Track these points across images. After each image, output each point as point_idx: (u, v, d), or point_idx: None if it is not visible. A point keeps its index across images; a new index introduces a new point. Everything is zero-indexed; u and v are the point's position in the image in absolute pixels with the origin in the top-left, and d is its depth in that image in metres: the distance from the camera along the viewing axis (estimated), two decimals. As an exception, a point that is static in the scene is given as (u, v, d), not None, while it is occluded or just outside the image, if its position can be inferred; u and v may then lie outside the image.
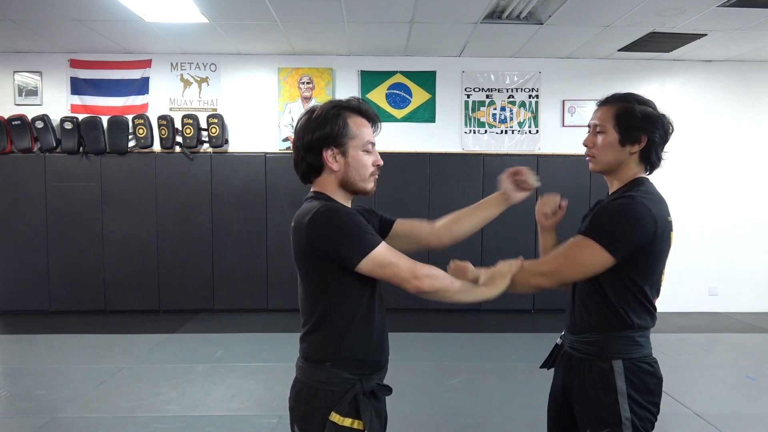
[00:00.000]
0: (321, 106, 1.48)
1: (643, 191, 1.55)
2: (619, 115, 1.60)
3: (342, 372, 1.42)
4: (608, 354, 1.57)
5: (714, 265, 6.14)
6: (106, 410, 3.44)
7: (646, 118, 1.58)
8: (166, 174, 5.97)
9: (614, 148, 1.61)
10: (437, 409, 3.51)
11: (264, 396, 3.69)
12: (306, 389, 1.44)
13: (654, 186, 1.62)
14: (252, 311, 6.02)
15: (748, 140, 6.17)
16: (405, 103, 6.06)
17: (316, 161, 1.45)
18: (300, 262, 1.45)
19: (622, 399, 1.53)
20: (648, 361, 1.58)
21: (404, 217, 1.75)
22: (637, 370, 1.55)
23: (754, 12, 4.47)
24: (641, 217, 1.49)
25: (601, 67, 6.07)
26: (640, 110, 1.58)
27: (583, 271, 1.55)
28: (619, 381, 1.54)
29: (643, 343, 1.58)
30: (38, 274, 5.96)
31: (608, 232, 1.51)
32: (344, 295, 1.42)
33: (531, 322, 5.70)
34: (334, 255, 1.36)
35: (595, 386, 1.58)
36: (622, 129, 1.59)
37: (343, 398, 1.40)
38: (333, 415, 1.38)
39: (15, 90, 5.93)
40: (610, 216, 1.53)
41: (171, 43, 5.55)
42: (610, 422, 1.54)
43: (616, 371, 1.55)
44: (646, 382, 1.56)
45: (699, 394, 3.76)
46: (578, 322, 1.65)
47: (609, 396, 1.55)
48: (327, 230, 1.36)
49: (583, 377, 1.62)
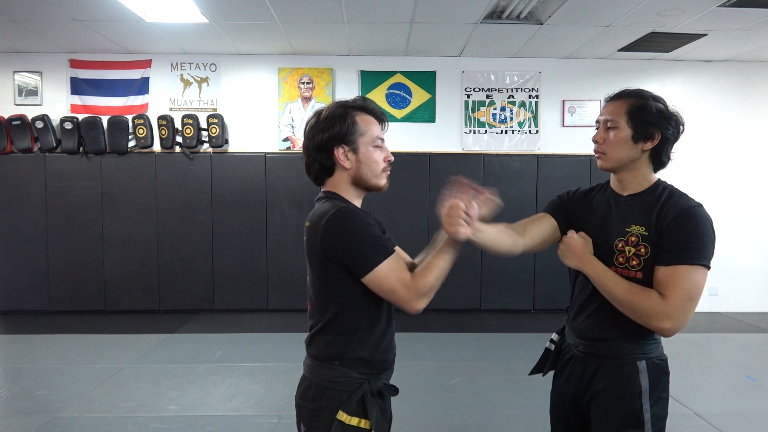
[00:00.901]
0: (327, 107, 1.49)
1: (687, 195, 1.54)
2: (632, 110, 1.55)
3: (351, 371, 1.42)
4: (634, 355, 1.55)
5: (714, 265, 6.10)
6: (106, 410, 3.44)
7: (661, 114, 1.54)
8: (166, 174, 5.97)
9: (627, 145, 1.55)
10: (437, 409, 3.51)
11: (264, 396, 3.69)
12: (314, 387, 1.44)
13: None
14: (252, 311, 6.03)
15: (748, 140, 6.17)
16: (405, 103, 6.06)
17: (327, 161, 1.47)
18: (313, 261, 1.46)
19: (645, 399, 1.52)
20: (663, 358, 1.59)
21: (404, 217, 1.75)
22: (656, 368, 1.56)
23: (754, 12, 4.47)
24: (713, 223, 1.49)
25: (601, 67, 6.07)
26: (654, 106, 1.54)
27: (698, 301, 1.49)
28: (643, 381, 1.53)
29: (659, 340, 1.59)
30: (38, 274, 5.96)
31: (706, 250, 1.47)
32: (355, 297, 1.42)
33: (531, 322, 5.70)
34: (345, 260, 1.38)
35: (617, 389, 1.55)
36: (636, 125, 1.54)
37: (351, 397, 1.40)
38: (340, 414, 1.39)
39: (15, 90, 5.93)
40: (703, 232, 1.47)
41: (171, 43, 5.55)
42: (633, 424, 1.52)
43: (641, 371, 1.54)
44: (661, 380, 1.56)
45: (699, 394, 3.77)
46: (598, 328, 1.60)
47: (633, 398, 1.53)
48: (342, 235, 1.37)
49: (604, 380, 1.58)
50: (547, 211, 1.77)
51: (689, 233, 1.45)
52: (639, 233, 1.52)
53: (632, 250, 1.53)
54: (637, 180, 1.60)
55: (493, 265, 5.86)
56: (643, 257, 1.51)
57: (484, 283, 6.07)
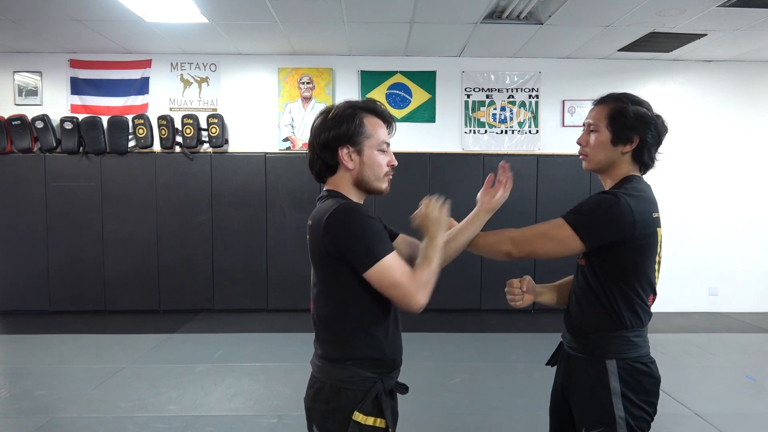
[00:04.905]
0: (336, 106, 1.49)
1: (629, 188, 1.56)
2: (612, 114, 1.61)
3: (363, 371, 1.42)
4: (603, 354, 1.57)
5: (714, 265, 6.14)
6: (106, 410, 3.44)
7: (639, 118, 1.58)
8: (166, 174, 5.97)
9: (606, 148, 1.62)
10: (437, 409, 3.51)
11: (264, 396, 3.69)
12: (327, 388, 1.43)
13: (645, 184, 1.62)
14: (252, 311, 6.03)
15: (748, 140, 6.17)
16: (405, 103, 6.06)
17: (331, 159, 1.47)
18: (316, 260, 1.45)
19: (616, 398, 1.54)
20: (643, 360, 1.58)
21: (404, 217, 1.75)
22: (631, 370, 1.55)
23: (754, 12, 4.47)
24: (619, 212, 1.50)
25: (601, 67, 6.07)
26: (633, 110, 1.59)
27: (553, 248, 1.57)
28: (612, 381, 1.55)
29: (638, 342, 1.58)
30: (38, 274, 5.96)
31: (583, 221, 1.53)
32: (359, 294, 1.42)
33: (531, 322, 5.70)
34: (347, 256, 1.37)
35: (590, 385, 1.59)
36: (614, 129, 1.60)
37: (366, 397, 1.40)
38: (356, 415, 1.38)
39: (15, 90, 5.93)
40: (589, 206, 1.55)
41: (171, 43, 5.55)
42: (604, 421, 1.54)
43: (609, 371, 1.55)
44: (641, 381, 1.56)
45: (699, 394, 3.76)
46: (575, 322, 1.66)
47: (604, 395, 1.55)
48: (343, 230, 1.37)
49: (579, 376, 1.63)
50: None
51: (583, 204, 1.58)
52: None
53: None
54: (614, 178, 1.66)
55: (493, 265, 5.86)
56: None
57: (484, 283, 6.07)
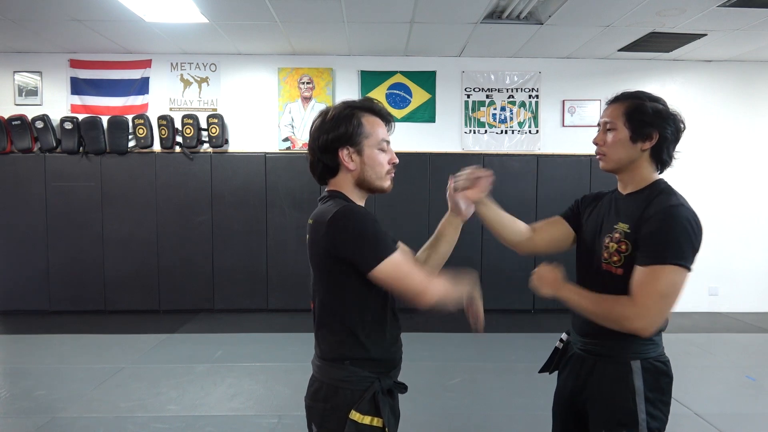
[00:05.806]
0: (334, 107, 1.49)
1: (676, 194, 1.53)
2: (629, 111, 1.58)
3: (361, 370, 1.43)
4: (627, 354, 1.55)
5: (714, 265, 6.13)
6: (106, 410, 3.44)
7: (658, 114, 1.56)
8: (166, 174, 5.97)
9: (625, 145, 1.58)
10: (437, 409, 3.51)
11: (264, 396, 3.69)
12: (325, 388, 1.44)
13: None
14: (252, 311, 6.02)
15: (748, 140, 6.17)
16: (405, 103, 6.06)
17: (332, 161, 1.47)
18: (316, 260, 1.45)
19: (640, 399, 1.52)
20: (662, 360, 1.58)
21: (404, 217, 1.75)
22: (653, 369, 1.55)
23: (754, 12, 4.47)
24: (698, 222, 1.47)
25: (601, 67, 6.07)
26: (651, 106, 1.57)
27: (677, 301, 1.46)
28: (637, 381, 1.53)
29: (658, 342, 1.58)
30: (38, 274, 5.96)
31: (692, 255, 1.44)
32: (360, 294, 1.42)
33: (531, 322, 5.70)
34: (351, 257, 1.37)
35: (611, 387, 1.56)
36: (633, 125, 1.57)
37: (363, 396, 1.41)
38: (353, 414, 1.39)
39: (15, 90, 5.93)
40: (682, 235, 1.44)
41: (171, 43, 5.55)
42: (626, 423, 1.52)
43: (634, 371, 1.54)
44: (660, 381, 1.55)
45: (699, 394, 3.77)
46: (593, 325, 1.60)
47: (626, 397, 1.53)
48: (346, 232, 1.36)
49: (599, 378, 1.60)
50: (561, 214, 1.86)
51: (665, 232, 1.45)
52: (623, 230, 1.56)
53: (615, 246, 1.57)
54: (636, 180, 1.62)
55: (493, 265, 5.86)
56: (624, 254, 1.54)
57: (484, 283, 5.97)
